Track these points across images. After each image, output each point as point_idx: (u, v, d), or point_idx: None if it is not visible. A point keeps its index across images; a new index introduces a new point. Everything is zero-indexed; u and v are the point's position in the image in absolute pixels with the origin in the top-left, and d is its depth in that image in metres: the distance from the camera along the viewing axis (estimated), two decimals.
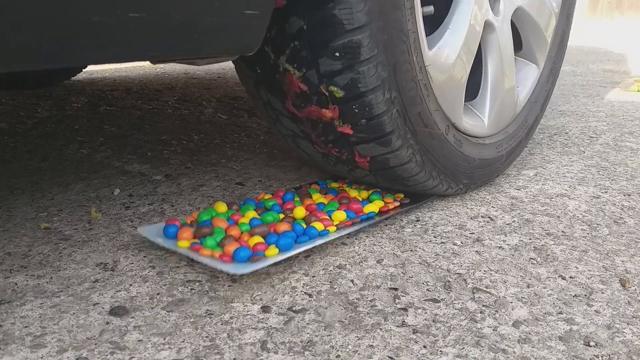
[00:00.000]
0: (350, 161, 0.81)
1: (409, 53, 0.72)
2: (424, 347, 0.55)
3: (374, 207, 0.82)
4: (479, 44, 0.91)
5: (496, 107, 0.97)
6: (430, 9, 0.81)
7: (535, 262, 0.73)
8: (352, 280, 0.67)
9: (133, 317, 0.59)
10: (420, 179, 0.83)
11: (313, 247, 0.73)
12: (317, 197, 0.86)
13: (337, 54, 0.66)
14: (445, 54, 0.82)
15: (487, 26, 0.90)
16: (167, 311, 0.60)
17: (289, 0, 0.65)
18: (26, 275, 0.68)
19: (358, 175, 0.86)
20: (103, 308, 0.61)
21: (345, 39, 0.65)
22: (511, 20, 0.98)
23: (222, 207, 0.80)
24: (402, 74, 0.72)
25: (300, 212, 0.78)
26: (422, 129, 0.78)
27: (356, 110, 0.71)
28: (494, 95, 0.96)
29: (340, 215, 0.78)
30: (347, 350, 0.54)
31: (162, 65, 2.64)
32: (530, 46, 1.09)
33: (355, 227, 0.78)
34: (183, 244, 0.69)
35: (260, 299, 0.63)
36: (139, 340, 0.55)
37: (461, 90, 0.87)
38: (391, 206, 0.84)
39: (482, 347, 0.55)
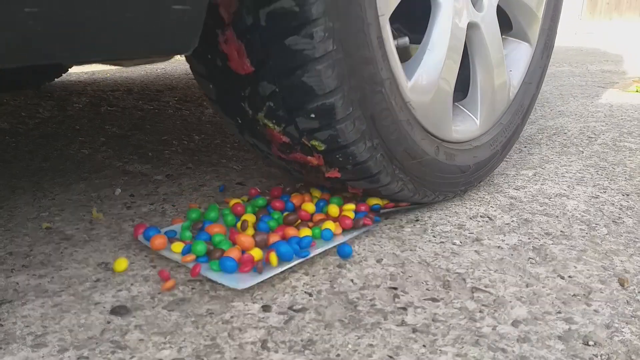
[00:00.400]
0: (344, 189, 0.82)
1: (386, 101, 0.71)
2: (424, 346, 0.55)
3: (378, 200, 0.84)
4: (465, 42, 0.87)
5: (488, 104, 0.95)
6: (405, 40, 0.79)
7: (534, 261, 0.73)
8: (352, 280, 0.68)
9: (134, 317, 0.59)
10: (416, 199, 0.84)
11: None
12: (318, 194, 0.87)
13: (313, 115, 0.66)
14: (427, 77, 0.79)
15: (471, 26, 0.87)
16: (168, 310, 0.61)
17: (256, 66, 0.64)
18: (27, 274, 0.68)
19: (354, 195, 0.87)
20: (104, 307, 0.61)
21: (318, 102, 0.64)
22: (498, 5, 0.94)
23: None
24: (381, 121, 0.71)
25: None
26: (410, 162, 0.78)
27: (340, 159, 0.72)
28: (484, 93, 0.93)
29: (349, 207, 0.79)
30: (347, 349, 0.55)
31: (162, 65, 2.65)
32: (521, 25, 1.04)
33: (360, 231, 0.79)
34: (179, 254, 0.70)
35: (261, 298, 0.63)
36: (140, 340, 0.55)
37: (448, 104, 0.85)
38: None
39: (481, 346, 0.55)
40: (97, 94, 1.89)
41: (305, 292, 0.65)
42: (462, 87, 0.94)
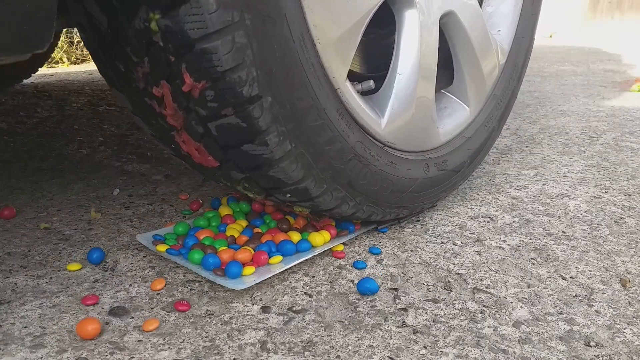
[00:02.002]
0: None
1: (361, 162, 0.68)
2: (424, 347, 0.55)
3: None
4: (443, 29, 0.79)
5: (478, 84, 0.87)
6: (369, 84, 0.74)
7: (535, 262, 0.73)
8: (352, 281, 0.67)
9: (133, 318, 0.59)
10: (414, 213, 0.85)
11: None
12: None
13: (289, 195, 0.65)
14: (403, 102, 0.73)
15: (444, 15, 0.78)
16: (167, 311, 0.60)
17: (221, 162, 0.62)
18: (26, 275, 0.68)
19: None
20: (103, 308, 0.61)
21: (291, 187, 0.64)
22: None
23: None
24: (360, 181, 0.69)
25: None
26: (400, 196, 0.76)
27: (327, 215, 0.72)
28: (472, 75, 0.86)
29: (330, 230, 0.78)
30: (347, 350, 0.54)
31: None
32: None
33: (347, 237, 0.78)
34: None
35: (260, 299, 0.63)
36: (138, 341, 0.55)
37: (431, 113, 0.79)
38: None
39: (482, 347, 0.55)
40: (96, 93, 1.88)
41: (305, 293, 0.65)
42: (445, 63, 0.85)
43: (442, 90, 0.88)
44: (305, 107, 0.60)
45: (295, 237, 0.73)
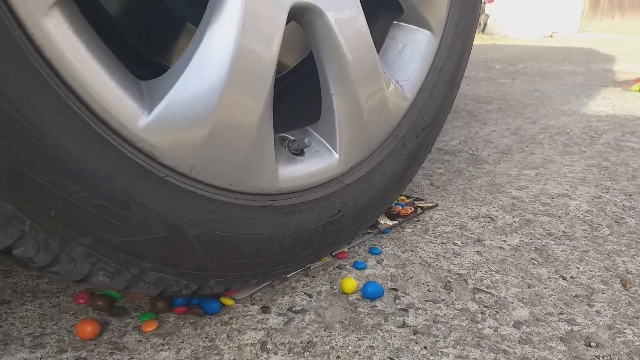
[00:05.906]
0: None
1: (336, 222, 0.65)
2: (425, 347, 0.55)
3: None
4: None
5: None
6: (304, 141, 0.60)
7: (536, 262, 0.73)
8: None
9: (132, 318, 0.59)
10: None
11: None
12: None
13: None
14: (352, 123, 0.62)
15: None
16: (167, 311, 0.60)
17: None
18: (26, 275, 0.68)
19: None
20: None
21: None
22: None
23: None
24: (344, 238, 0.67)
25: None
26: (385, 201, 0.73)
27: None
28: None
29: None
30: (347, 351, 0.54)
31: None
32: None
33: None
34: None
35: (260, 300, 0.63)
36: (138, 341, 0.55)
37: (387, 86, 0.64)
38: (408, 211, 0.85)
39: (482, 347, 0.55)
40: None
41: (305, 293, 0.64)
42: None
43: (395, 22, 0.70)
44: (250, 251, 0.57)
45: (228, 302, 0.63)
